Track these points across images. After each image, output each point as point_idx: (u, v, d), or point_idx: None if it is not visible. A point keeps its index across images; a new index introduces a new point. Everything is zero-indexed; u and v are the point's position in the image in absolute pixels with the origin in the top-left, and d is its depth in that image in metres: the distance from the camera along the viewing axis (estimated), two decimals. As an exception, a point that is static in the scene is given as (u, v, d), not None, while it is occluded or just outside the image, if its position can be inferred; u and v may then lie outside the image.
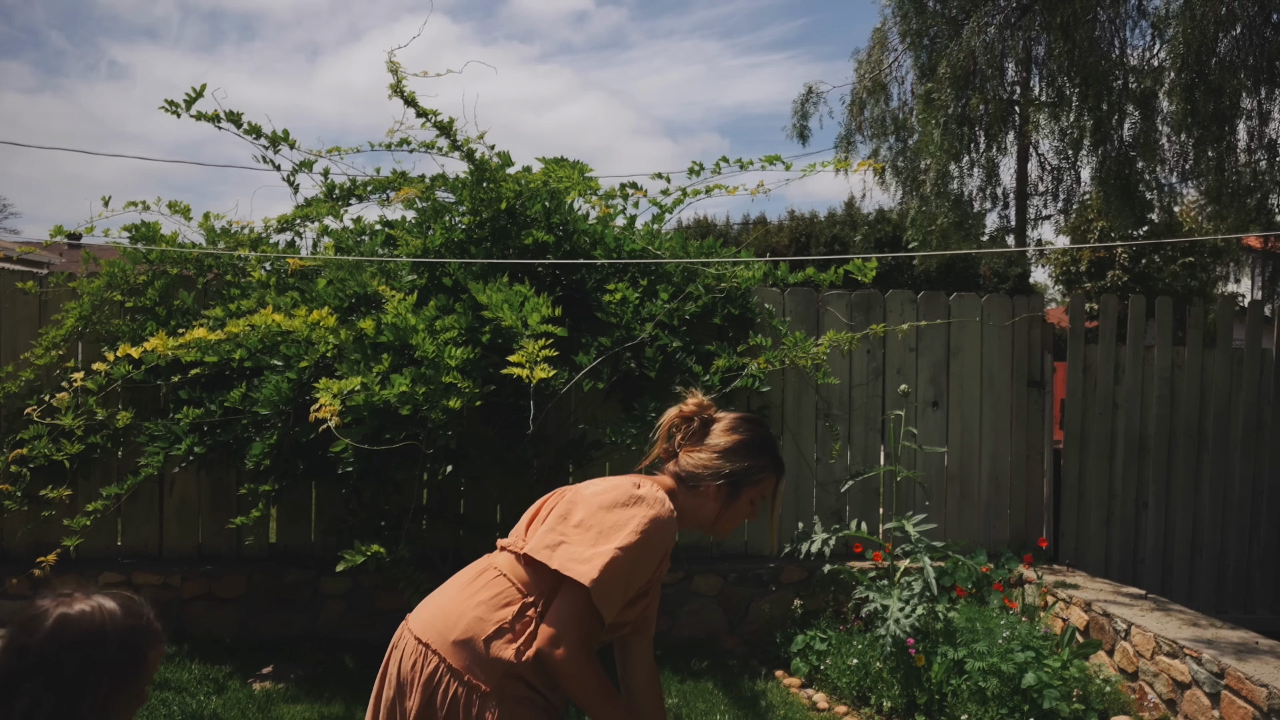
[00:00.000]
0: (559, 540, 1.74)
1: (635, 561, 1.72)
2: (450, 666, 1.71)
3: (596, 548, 1.70)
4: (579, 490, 1.83)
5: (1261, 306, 5.62)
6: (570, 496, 1.83)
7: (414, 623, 1.82)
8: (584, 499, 1.79)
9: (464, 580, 1.85)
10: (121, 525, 4.90)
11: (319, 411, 3.38)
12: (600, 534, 1.72)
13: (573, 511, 1.78)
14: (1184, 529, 5.37)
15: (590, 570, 1.68)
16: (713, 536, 1.94)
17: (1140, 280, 16.98)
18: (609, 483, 1.84)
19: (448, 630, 1.75)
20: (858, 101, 13.12)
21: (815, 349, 4.66)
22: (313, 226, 4.93)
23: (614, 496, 1.78)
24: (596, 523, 1.74)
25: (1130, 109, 8.30)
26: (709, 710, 3.87)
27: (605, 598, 1.69)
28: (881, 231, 20.41)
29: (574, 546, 1.72)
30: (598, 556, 1.69)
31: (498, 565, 1.83)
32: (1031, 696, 3.63)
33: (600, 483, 1.85)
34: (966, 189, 10.59)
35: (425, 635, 1.77)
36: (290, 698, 3.89)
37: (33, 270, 6.14)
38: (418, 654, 1.76)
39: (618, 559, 1.69)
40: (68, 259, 16.21)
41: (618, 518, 1.74)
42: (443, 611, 1.79)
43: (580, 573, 1.68)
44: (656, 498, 1.79)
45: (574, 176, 4.71)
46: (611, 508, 1.76)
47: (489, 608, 1.75)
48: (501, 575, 1.80)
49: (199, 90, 4.41)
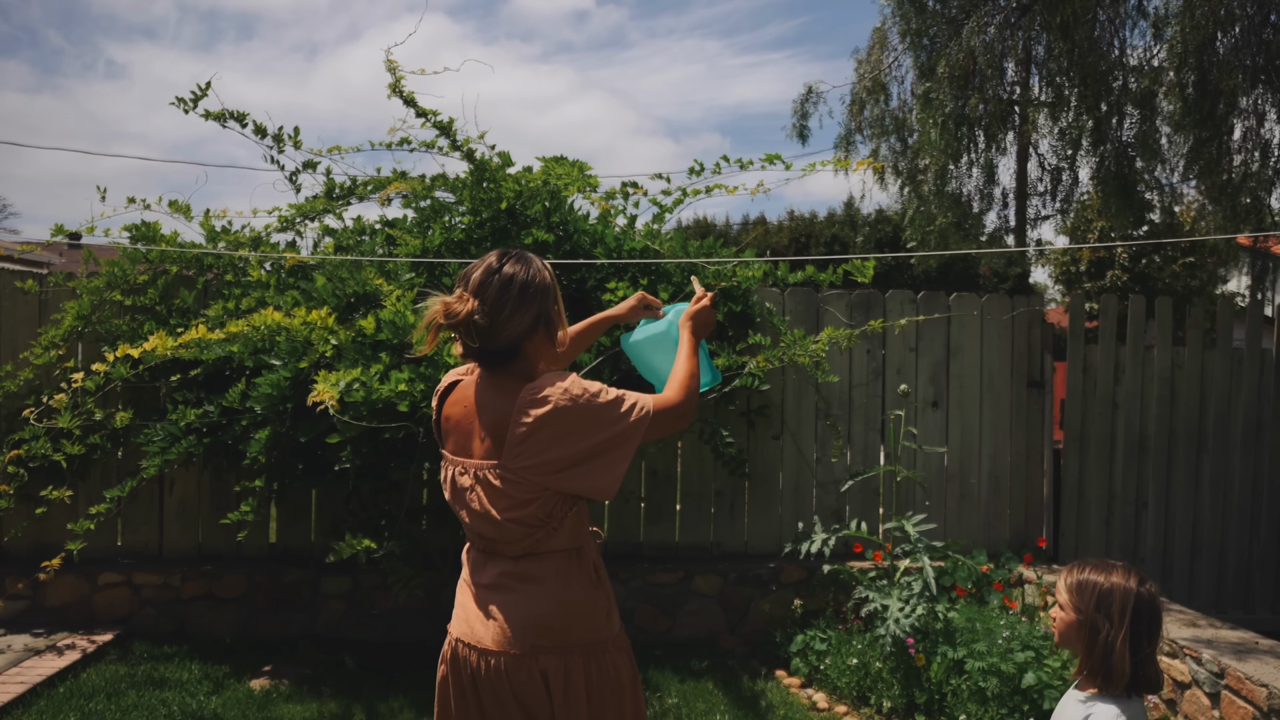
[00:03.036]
0: (575, 468, 1.77)
1: (593, 397, 1.78)
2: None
3: (592, 452, 1.77)
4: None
5: (1261, 306, 5.61)
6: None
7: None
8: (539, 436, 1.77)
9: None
10: (121, 525, 4.89)
11: (316, 397, 3.38)
12: (571, 438, 1.76)
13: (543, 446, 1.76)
14: (1184, 529, 5.37)
15: (610, 463, 1.78)
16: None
17: (1140, 280, 16.99)
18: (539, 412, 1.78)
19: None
20: (858, 101, 13.12)
21: (814, 346, 4.66)
22: (313, 226, 4.93)
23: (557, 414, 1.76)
24: (569, 436, 1.76)
25: (1130, 109, 8.30)
26: (709, 710, 3.87)
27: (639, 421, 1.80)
28: (881, 232, 20.42)
29: (587, 467, 1.77)
30: (599, 456, 1.77)
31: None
32: (1031, 696, 3.63)
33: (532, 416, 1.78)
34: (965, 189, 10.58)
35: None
36: (290, 697, 3.89)
37: (33, 270, 6.14)
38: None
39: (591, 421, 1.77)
40: (68, 259, 16.20)
41: (579, 424, 1.77)
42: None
43: (610, 463, 1.77)
44: (559, 381, 1.79)
45: (573, 174, 4.71)
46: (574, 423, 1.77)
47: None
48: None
49: (204, 88, 4.42)
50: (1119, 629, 1.79)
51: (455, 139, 4.40)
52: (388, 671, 4.25)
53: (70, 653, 4.19)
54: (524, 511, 1.77)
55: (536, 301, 1.82)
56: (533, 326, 1.83)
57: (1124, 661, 1.78)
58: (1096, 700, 1.83)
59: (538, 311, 1.83)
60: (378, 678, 4.15)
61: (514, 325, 1.80)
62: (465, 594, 1.89)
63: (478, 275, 1.82)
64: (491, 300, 1.79)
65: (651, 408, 1.81)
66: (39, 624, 4.58)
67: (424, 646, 4.64)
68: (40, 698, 3.74)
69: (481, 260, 1.87)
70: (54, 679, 3.90)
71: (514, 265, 1.83)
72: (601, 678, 1.82)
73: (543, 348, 1.88)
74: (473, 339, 1.80)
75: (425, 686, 4.04)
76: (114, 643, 4.42)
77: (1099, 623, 1.81)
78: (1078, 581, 1.88)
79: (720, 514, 5.11)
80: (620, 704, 1.85)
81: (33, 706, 3.65)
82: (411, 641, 4.71)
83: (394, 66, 4.24)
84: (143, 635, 4.58)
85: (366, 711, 3.76)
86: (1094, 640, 1.82)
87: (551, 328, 1.87)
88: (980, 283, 20.14)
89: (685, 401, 1.88)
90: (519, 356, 1.84)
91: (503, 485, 1.77)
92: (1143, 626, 1.81)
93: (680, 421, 1.87)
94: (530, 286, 1.82)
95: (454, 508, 1.88)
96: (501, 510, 1.77)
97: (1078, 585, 1.88)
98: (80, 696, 3.78)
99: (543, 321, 1.84)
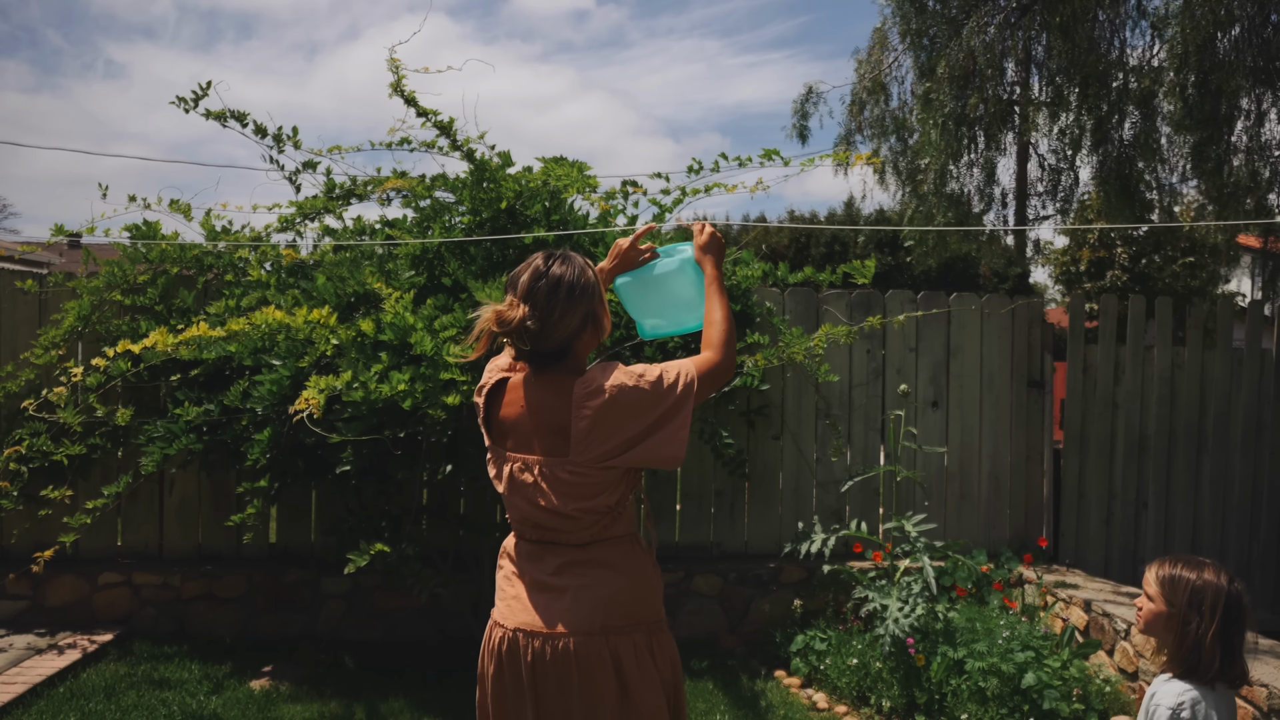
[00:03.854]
0: (634, 446, 1.82)
1: (637, 380, 1.83)
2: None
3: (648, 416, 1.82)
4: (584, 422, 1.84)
5: (1261, 306, 5.62)
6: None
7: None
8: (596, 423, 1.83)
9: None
10: (121, 525, 4.90)
11: (300, 404, 3.38)
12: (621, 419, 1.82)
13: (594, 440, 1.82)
14: (1184, 529, 5.37)
15: (672, 423, 1.83)
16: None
17: (1140, 280, 16.99)
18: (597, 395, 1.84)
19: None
20: (858, 101, 13.11)
21: (811, 344, 4.66)
22: (313, 226, 4.93)
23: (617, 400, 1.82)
24: (613, 418, 1.81)
25: (1130, 109, 8.29)
26: (709, 710, 3.87)
27: (690, 383, 1.86)
28: (881, 232, 20.41)
29: (652, 441, 1.82)
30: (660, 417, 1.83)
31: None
32: (1031, 696, 3.63)
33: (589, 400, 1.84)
34: (965, 189, 10.57)
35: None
36: (290, 697, 3.89)
37: (33, 270, 6.14)
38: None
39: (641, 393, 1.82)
40: (68, 259, 16.20)
41: (619, 406, 1.82)
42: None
43: (675, 430, 1.83)
44: (607, 371, 1.85)
45: (573, 175, 4.70)
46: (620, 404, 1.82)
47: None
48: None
49: (205, 88, 4.42)
50: (1209, 624, 1.90)
51: (455, 139, 4.40)
52: (388, 671, 4.25)
53: (70, 652, 4.19)
54: (593, 502, 1.83)
55: (584, 301, 1.87)
56: (581, 325, 1.88)
57: (1213, 655, 1.89)
58: (1171, 680, 1.96)
59: (586, 310, 1.88)
60: (378, 678, 4.15)
61: (564, 326, 1.85)
62: (518, 585, 1.91)
63: (525, 279, 1.86)
64: (542, 304, 1.84)
65: (695, 373, 1.87)
66: (39, 624, 4.58)
67: (424, 646, 4.64)
68: (40, 698, 3.74)
69: (527, 263, 1.90)
70: (54, 679, 3.90)
71: (560, 266, 1.87)
72: (663, 654, 1.90)
73: (591, 344, 1.93)
74: (524, 343, 1.85)
75: (425, 686, 4.05)
76: (114, 643, 4.42)
77: (1190, 617, 1.92)
78: (1169, 575, 1.98)
79: (720, 514, 5.11)
80: (677, 681, 1.94)
81: (33, 706, 3.65)
82: (411, 641, 4.71)
83: (396, 65, 4.23)
84: (143, 635, 4.58)
85: (366, 711, 3.76)
86: (1184, 633, 1.92)
87: (599, 324, 1.92)
88: (980, 282, 20.14)
89: (726, 356, 1.94)
90: (569, 355, 1.89)
91: (573, 478, 1.83)
92: (1232, 623, 1.91)
93: (727, 374, 1.95)
94: (577, 287, 1.86)
95: (511, 499, 1.92)
96: (571, 502, 1.83)
97: (1170, 579, 1.98)
98: (80, 696, 3.78)
99: (590, 320, 1.89)
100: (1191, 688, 1.90)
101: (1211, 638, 1.89)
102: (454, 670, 4.22)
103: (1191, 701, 1.88)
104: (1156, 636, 2.02)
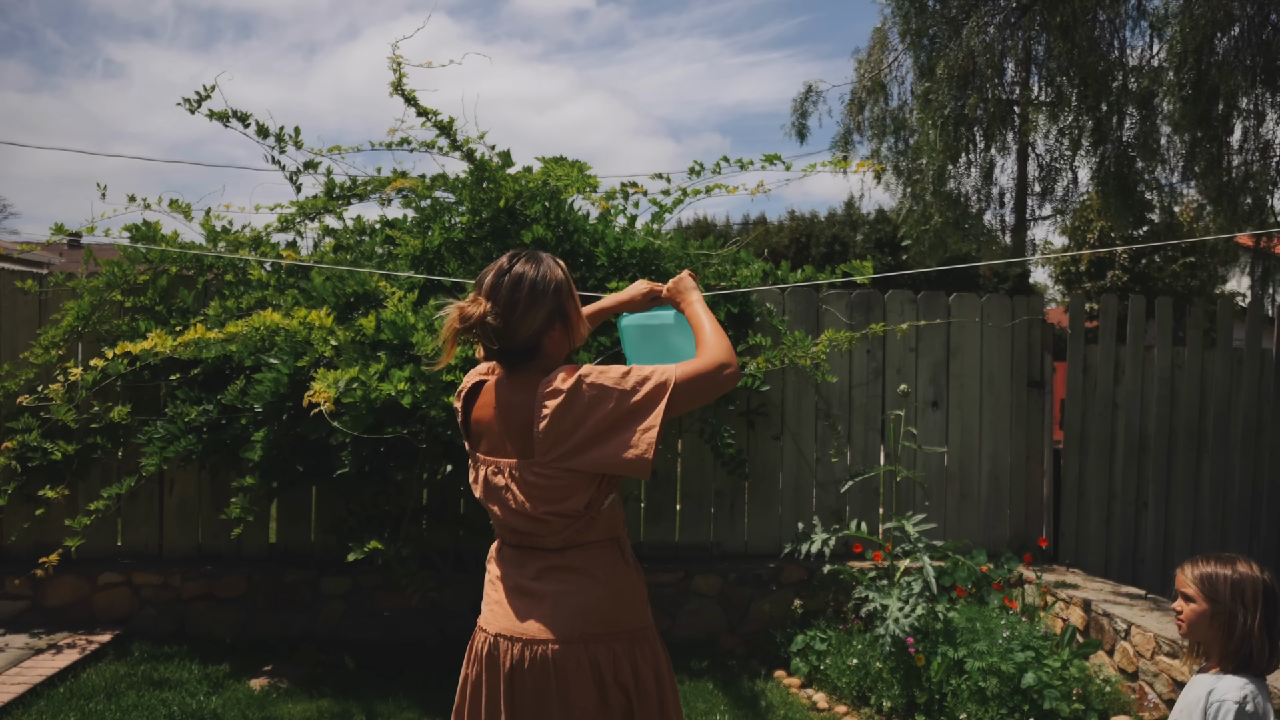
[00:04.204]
0: (605, 443, 1.76)
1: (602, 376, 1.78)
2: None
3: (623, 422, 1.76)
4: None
5: (1262, 306, 5.62)
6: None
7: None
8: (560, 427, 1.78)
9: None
10: (121, 525, 4.90)
11: (313, 397, 3.38)
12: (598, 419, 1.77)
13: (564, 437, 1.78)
14: (1184, 529, 5.37)
15: (643, 429, 1.75)
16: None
17: (1140, 280, 17.00)
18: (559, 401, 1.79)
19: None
20: (857, 101, 13.10)
21: (814, 348, 4.66)
22: (313, 226, 4.93)
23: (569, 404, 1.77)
24: (592, 418, 1.77)
25: (1129, 109, 8.29)
26: (709, 710, 3.87)
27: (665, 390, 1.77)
28: (881, 231, 20.45)
29: (616, 436, 1.75)
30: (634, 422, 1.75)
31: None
32: (1031, 696, 3.63)
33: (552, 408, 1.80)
34: (964, 189, 10.57)
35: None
36: (290, 697, 3.89)
37: (33, 270, 6.14)
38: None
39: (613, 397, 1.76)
40: (68, 259, 16.20)
41: (591, 407, 1.77)
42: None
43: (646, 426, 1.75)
44: (571, 371, 1.81)
45: (573, 175, 4.70)
46: (585, 407, 1.77)
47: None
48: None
49: (209, 89, 4.44)
50: (1254, 615, 1.94)
51: (455, 139, 4.40)
52: (387, 671, 4.25)
53: (70, 652, 4.19)
54: (562, 505, 1.79)
55: (549, 299, 1.84)
56: (548, 323, 1.85)
57: (1263, 645, 1.94)
58: (1224, 675, 1.97)
59: (551, 308, 1.85)
60: (377, 678, 4.15)
61: (528, 324, 1.82)
62: (500, 590, 1.89)
63: (490, 278, 1.85)
64: (504, 301, 1.81)
65: (675, 375, 1.77)
66: (39, 624, 4.58)
67: (424, 646, 4.64)
68: (40, 698, 3.74)
69: (494, 263, 1.89)
70: (54, 679, 3.90)
71: (524, 265, 1.85)
72: (646, 662, 1.86)
73: (562, 343, 1.90)
74: (490, 340, 1.83)
75: (425, 686, 4.05)
76: (114, 643, 4.42)
77: (1236, 611, 1.95)
78: (1206, 574, 2.01)
79: (720, 514, 5.11)
80: (663, 689, 1.90)
81: (33, 706, 3.65)
82: (411, 641, 4.71)
83: (398, 62, 4.23)
84: (142, 635, 4.58)
85: (366, 711, 3.76)
86: (1233, 628, 1.95)
87: (568, 322, 1.89)
88: (980, 282, 20.14)
89: (716, 365, 1.80)
90: (539, 354, 1.86)
91: (540, 480, 1.78)
92: (1274, 611, 1.96)
93: (718, 383, 1.80)
94: (540, 284, 1.84)
95: (486, 504, 1.90)
96: (540, 505, 1.79)
97: (1208, 578, 2.00)
98: (80, 696, 3.78)
99: (558, 317, 1.86)
100: (1249, 681, 1.92)
101: (1259, 628, 1.93)
102: (454, 670, 4.20)
103: (1252, 694, 1.91)
104: (1201, 638, 2.03)
